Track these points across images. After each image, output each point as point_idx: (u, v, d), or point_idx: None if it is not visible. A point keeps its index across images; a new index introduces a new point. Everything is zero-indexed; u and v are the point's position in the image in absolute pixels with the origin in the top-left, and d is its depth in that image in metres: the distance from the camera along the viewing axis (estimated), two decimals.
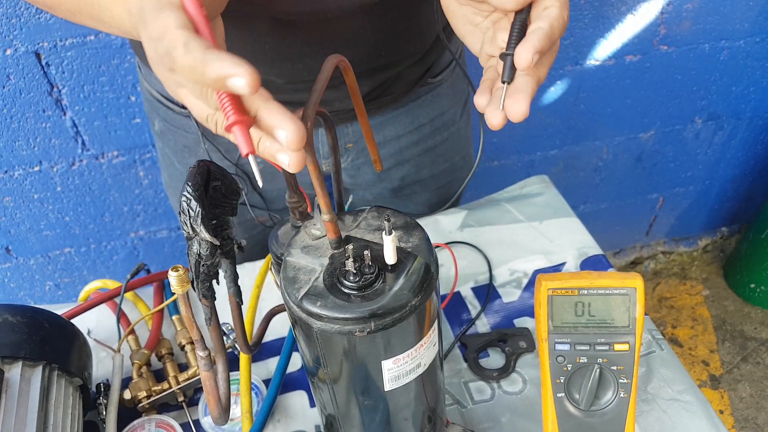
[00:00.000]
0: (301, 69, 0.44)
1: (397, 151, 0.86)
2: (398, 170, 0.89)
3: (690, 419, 0.67)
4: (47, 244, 1.30)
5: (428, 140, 0.88)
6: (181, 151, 0.85)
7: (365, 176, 0.89)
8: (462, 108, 0.92)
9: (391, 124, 0.83)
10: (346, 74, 0.50)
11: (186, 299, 0.41)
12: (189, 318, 0.42)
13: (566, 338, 0.60)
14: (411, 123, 0.85)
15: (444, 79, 0.84)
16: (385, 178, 0.90)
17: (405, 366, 0.49)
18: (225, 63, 0.33)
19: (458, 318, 0.79)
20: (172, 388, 0.68)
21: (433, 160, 0.91)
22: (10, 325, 0.61)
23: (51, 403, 0.59)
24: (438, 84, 0.84)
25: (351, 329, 0.45)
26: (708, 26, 1.36)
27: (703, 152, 1.69)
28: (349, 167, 0.88)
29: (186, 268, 0.41)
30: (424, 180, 0.92)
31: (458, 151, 0.94)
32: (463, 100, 0.92)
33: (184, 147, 0.84)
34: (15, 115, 1.07)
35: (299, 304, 0.46)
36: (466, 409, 0.69)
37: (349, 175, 0.89)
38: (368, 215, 0.52)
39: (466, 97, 0.93)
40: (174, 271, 0.40)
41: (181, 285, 0.40)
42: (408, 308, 0.45)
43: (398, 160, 0.88)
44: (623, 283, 0.58)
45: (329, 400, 0.54)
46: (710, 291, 1.91)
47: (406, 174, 0.90)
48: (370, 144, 0.58)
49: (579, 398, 0.59)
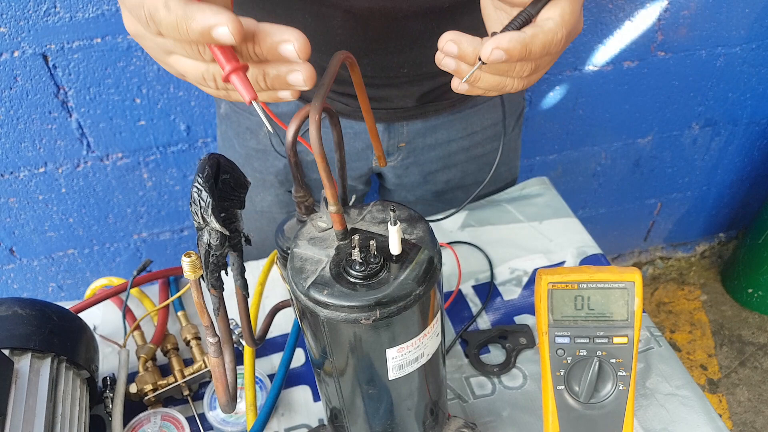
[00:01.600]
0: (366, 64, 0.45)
1: (446, 155, 0.88)
2: (444, 174, 0.90)
3: (688, 414, 0.68)
4: (51, 245, 1.31)
5: (478, 148, 0.89)
6: (243, 133, 0.87)
7: (412, 177, 0.90)
8: (516, 120, 0.93)
9: (444, 127, 0.84)
10: (352, 70, 0.52)
11: (198, 285, 0.43)
12: (200, 303, 0.43)
13: (566, 331, 0.61)
14: (464, 129, 0.86)
15: None
16: (431, 180, 0.91)
17: (409, 355, 0.50)
18: (206, 14, 0.34)
19: (459, 315, 0.80)
20: (178, 382, 0.69)
21: (480, 167, 0.92)
22: (20, 317, 0.62)
23: (59, 393, 0.60)
24: None
25: (357, 317, 0.46)
26: (704, 33, 1.38)
27: (700, 158, 1.71)
28: (397, 166, 0.89)
29: (198, 255, 0.42)
30: (467, 186, 0.94)
31: (505, 161, 0.95)
32: (517, 113, 0.93)
33: (247, 129, 0.87)
34: (21, 116, 1.08)
35: (306, 293, 0.47)
36: (468, 403, 0.70)
37: (396, 174, 0.90)
38: (373, 209, 0.53)
39: (521, 110, 0.94)
40: (187, 257, 0.41)
41: (194, 271, 0.41)
42: (412, 297, 0.47)
43: (446, 163, 0.89)
44: (622, 277, 0.60)
45: (334, 391, 0.55)
46: (708, 296, 1.92)
47: (451, 178, 0.91)
48: (375, 140, 0.59)
49: (579, 391, 0.60)
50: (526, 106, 1.41)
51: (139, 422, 0.67)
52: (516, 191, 0.97)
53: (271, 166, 0.89)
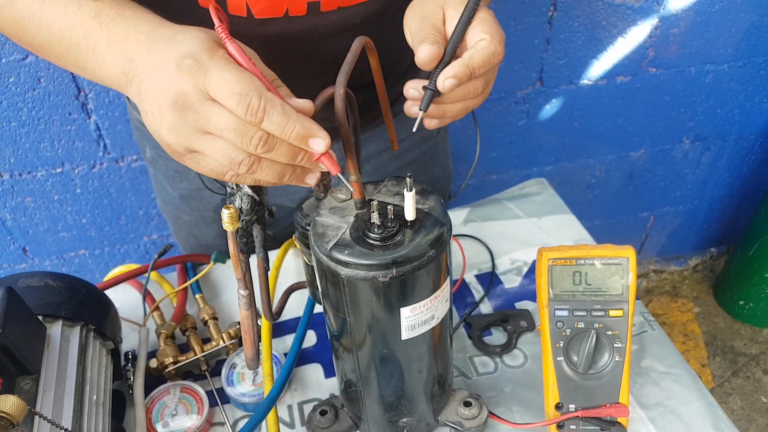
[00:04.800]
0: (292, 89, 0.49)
1: (379, 166, 0.91)
2: None
3: (681, 390, 0.72)
4: (63, 245, 1.34)
5: (408, 154, 0.93)
6: (173, 176, 0.90)
7: None
8: None
9: (373, 140, 0.88)
10: (371, 55, 0.57)
11: (234, 236, 0.47)
12: (235, 255, 0.47)
13: (565, 305, 0.65)
14: None
15: None
16: None
17: (421, 315, 0.54)
18: (313, 126, 0.45)
19: (463, 301, 0.84)
20: (197, 356, 0.72)
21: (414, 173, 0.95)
22: (51, 288, 0.66)
23: (88, 359, 0.64)
24: None
25: (375, 275, 0.50)
26: (693, 50, 1.44)
27: (691, 172, 1.77)
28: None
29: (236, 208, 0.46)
30: None
31: (437, 164, 0.99)
32: None
33: (176, 172, 0.89)
34: (42, 117, 1.13)
35: (329, 254, 0.51)
36: (472, 380, 0.74)
37: None
38: (388, 183, 0.58)
39: None
40: (227, 209, 0.45)
41: (232, 222, 0.45)
42: (426, 258, 0.51)
43: (381, 174, 0.92)
44: (617, 254, 0.64)
45: (349, 356, 0.59)
46: (701, 308, 1.96)
47: None
48: (389, 123, 0.64)
49: (577, 361, 0.64)
50: (524, 117, 1.47)
51: (159, 394, 0.71)
52: (516, 191, 1.02)
53: (208, 203, 0.91)
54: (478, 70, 0.54)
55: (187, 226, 0.94)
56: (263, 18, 0.63)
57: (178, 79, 0.43)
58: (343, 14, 0.66)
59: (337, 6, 0.64)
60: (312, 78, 0.72)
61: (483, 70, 0.54)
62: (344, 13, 0.66)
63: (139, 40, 0.47)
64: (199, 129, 0.44)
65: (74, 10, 0.50)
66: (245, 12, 0.62)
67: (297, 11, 0.63)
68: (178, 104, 0.43)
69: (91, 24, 0.50)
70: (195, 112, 0.44)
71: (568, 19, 1.32)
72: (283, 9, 0.63)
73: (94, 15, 0.50)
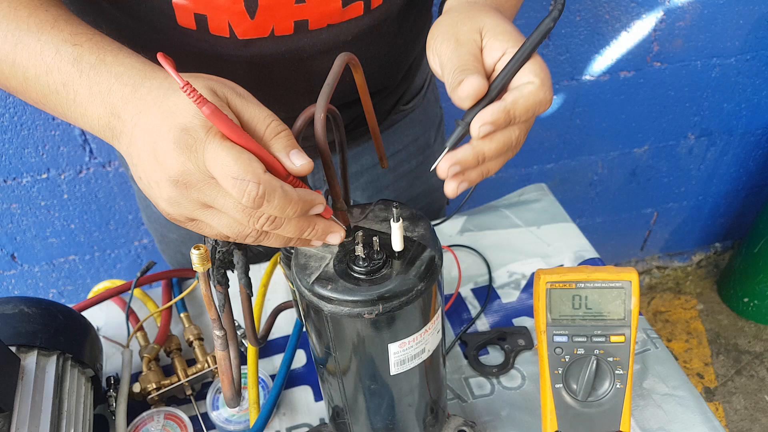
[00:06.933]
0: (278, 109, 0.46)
1: (374, 179, 0.88)
2: (377, 197, 0.91)
3: (684, 413, 0.69)
4: (52, 251, 1.31)
5: (404, 165, 0.89)
6: None
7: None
8: (436, 131, 0.93)
9: (367, 153, 0.84)
10: (355, 72, 0.53)
11: (206, 277, 0.44)
12: (208, 296, 0.44)
13: (564, 330, 0.62)
14: (387, 150, 0.86)
15: (416, 105, 0.86)
16: None
17: (410, 350, 0.51)
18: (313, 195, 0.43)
19: (459, 318, 0.81)
20: (181, 381, 0.70)
21: (411, 183, 0.93)
22: (26, 315, 0.63)
23: (65, 391, 0.61)
24: (410, 111, 0.86)
25: (360, 311, 0.47)
26: (699, 44, 1.40)
27: (696, 168, 1.73)
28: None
29: (207, 248, 0.43)
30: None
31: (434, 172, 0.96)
32: (436, 124, 0.93)
33: None
34: (25, 122, 1.10)
35: (311, 289, 0.48)
36: (467, 403, 0.71)
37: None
38: (375, 208, 0.55)
39: (439, 120, 0.95)
40: (196, 250, 0.42)
41: (203, 263, 0.42)
42: (414, 292, 0.48)
43: (377, 187, 0.89)
44: (618, 277, 0.61)
45: (337, 388, 0.56)
46: (704, 305, 1.93)
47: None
48: (377, 141, 0.60)
49: (576, 389, 0.61)
50: None
51: (142, 421, 0.68)
52: (514, 197, 0.99)
53: None
54: (518, 118, 0.46)
55: (175, 243, 0.91)
56: (247, 39, 0.59)
57: (178, 157, 0.39)
58: (333, 32, 0.61)
59: (327, 24, 0.60)
60: (302, 96, 0.69)
61: (524, 119, 0.46)
62: (334, 31, 0.61)
63: (124, 94, 0.43)
64: (202, 204, 0.42)
65: (51, 54, 0.46)
66: (228, 32, 0.58)
67: (283, 30, 0.59)
68: (181, 183, 0.40)
69: (69, 71, 0.45)
70: (199, 191, 0.41)
71: (569, 13, 1.27)
72: (268, 29, 0.59)
73: (72, 61, 0.45)
